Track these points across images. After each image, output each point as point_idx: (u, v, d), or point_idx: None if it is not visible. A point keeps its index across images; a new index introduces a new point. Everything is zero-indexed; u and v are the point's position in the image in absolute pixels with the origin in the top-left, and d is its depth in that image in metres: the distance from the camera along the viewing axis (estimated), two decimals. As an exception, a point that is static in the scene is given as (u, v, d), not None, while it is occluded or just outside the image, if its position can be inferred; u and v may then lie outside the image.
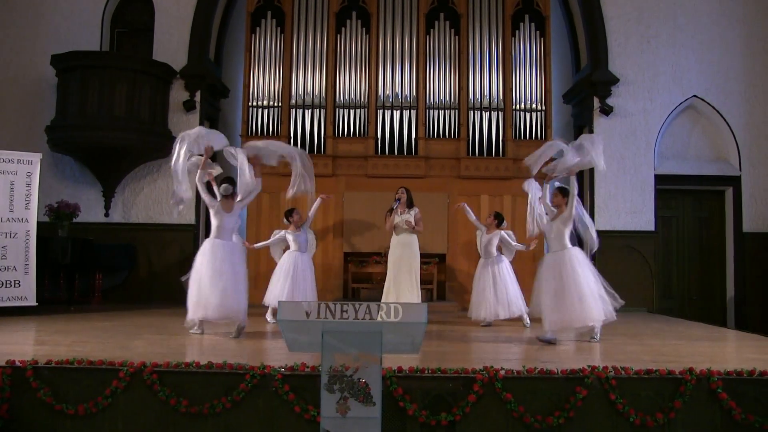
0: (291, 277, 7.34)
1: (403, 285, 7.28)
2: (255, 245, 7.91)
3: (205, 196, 6.36)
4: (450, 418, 4.22)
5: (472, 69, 10.13)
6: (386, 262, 7.67)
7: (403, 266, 7.32)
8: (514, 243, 7.74)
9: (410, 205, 7.50)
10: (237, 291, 6.18)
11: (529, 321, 7.47)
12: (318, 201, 7.64)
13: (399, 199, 7.43)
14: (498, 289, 7.37)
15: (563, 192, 6.20)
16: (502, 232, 7.68)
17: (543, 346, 5.89)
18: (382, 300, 7.48)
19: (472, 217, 7.92)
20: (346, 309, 3.21)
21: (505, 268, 7.55)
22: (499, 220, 7.69)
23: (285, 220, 7.72)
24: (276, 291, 7.33)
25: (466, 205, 8.02)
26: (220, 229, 6.30)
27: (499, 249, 7.69)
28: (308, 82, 10.12)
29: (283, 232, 7.64)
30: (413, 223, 7.38)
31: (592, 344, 6.00)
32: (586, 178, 10.27)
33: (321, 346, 3.26)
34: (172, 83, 10.04)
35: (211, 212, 6.34)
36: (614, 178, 9.95)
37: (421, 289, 7.53)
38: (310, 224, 7.82)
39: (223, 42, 10.86)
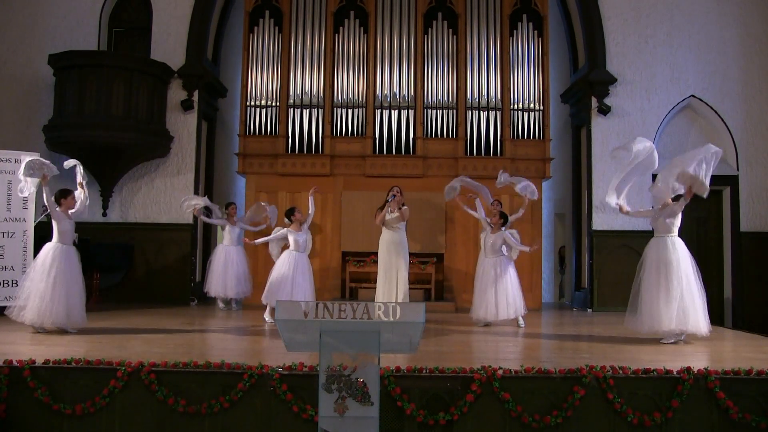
0: (290, 276, 7.36)
1: (400, 284, 7.50)
2: (255, 241, 7.97)
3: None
4: (448, 417, 4.23)
5: (470, 69, 10.13)
6: None
7: (391, 268, 7.55)
8: (517, 243, 7.58)
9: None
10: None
11: (523, 322, 7.46)
12: (311, 196, 7.98)
13: (395, 195, 7.57)
14: (499, 290, 7.32)
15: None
16: (506, 233, 7.58)
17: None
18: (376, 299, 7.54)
19: (481, 213, 7.91)
20: (344, 309, 3.21)
21: (509, 268, 7.49)
22: (504, 219, 7.66)
23: (286, 219, 7.72)
24: (273, 290, 7.34)
25: (479, 200, 8.06)
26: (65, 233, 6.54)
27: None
28: (306, 81, 10.11)
29: (284, 230, 7.64)
30: (403, 214, 7.63)
31: (590, 343, 6.04)
32: (584, 178, 10.28)
33: (319, 345, 3.26)
34: (170, 83, 10.01)
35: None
36: (612, 177, 9.92)
37: (418, 288, 7.71)
38: (310, 222, 7.85)
39: (221, 41, 10.86)
